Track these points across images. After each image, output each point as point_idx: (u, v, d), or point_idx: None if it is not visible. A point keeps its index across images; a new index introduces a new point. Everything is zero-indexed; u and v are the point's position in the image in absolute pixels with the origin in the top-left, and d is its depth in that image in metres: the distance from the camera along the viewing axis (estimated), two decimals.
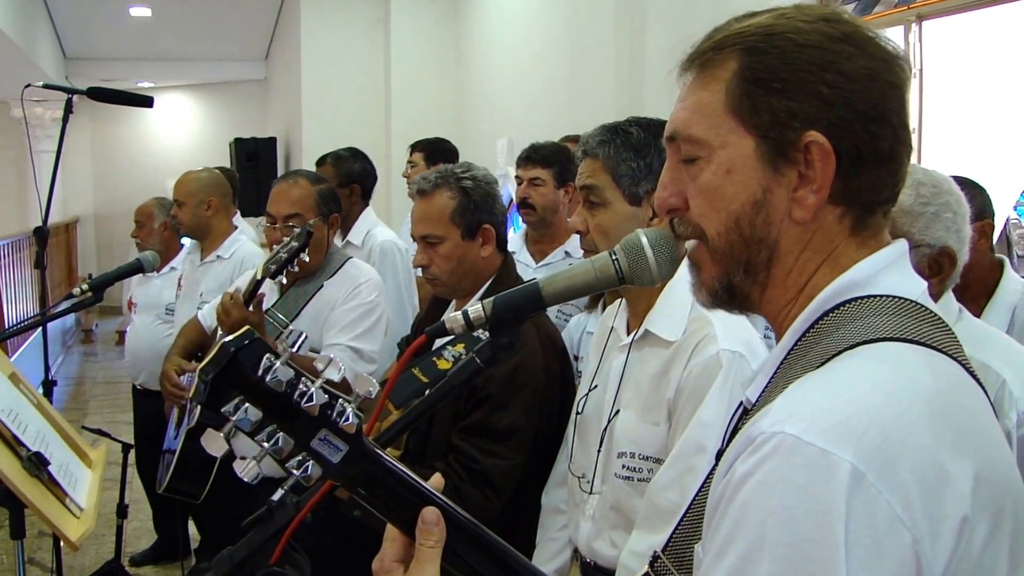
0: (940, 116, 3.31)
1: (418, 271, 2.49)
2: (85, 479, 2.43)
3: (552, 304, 1.14)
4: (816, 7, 0.94)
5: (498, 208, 2.35)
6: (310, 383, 0.86)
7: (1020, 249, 3.52)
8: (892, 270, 0.92)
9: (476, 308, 1.10)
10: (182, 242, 4.44)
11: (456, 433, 2.12)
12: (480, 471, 2.07)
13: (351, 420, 0.87)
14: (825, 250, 0.92)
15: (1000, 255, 2.40)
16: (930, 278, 1.64)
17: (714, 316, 1.69)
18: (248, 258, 3.77)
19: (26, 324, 3.52)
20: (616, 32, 4.67)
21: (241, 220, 4.31)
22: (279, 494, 0.98)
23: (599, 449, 1.82)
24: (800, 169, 0.90)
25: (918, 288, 0.92)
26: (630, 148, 1.78)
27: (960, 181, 1.78)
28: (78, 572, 4.20)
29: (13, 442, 2.13)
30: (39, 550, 4.35)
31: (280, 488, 0.96)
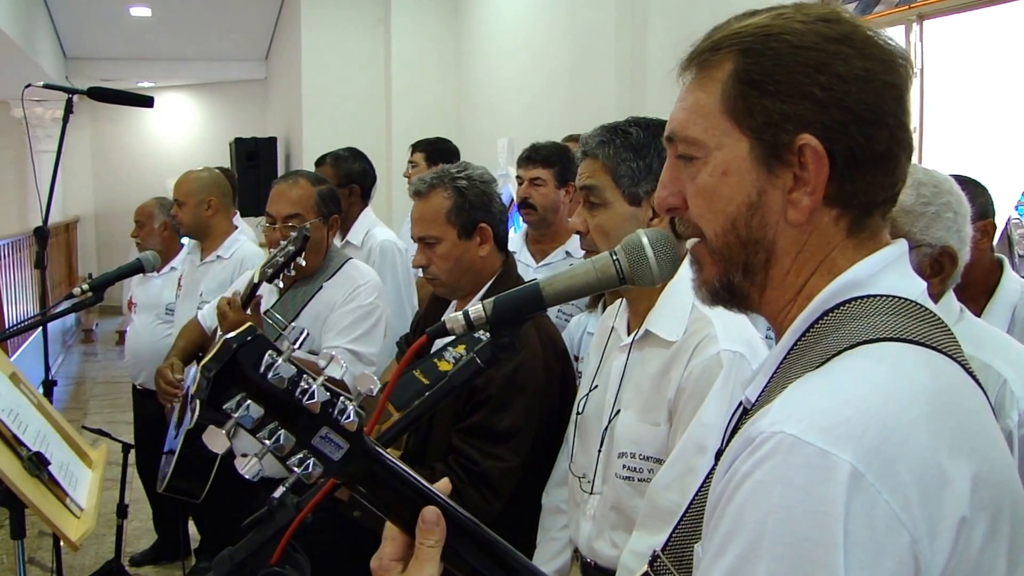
0: (941, 116, 3.31)
1: (419, 271, 2.50)
2: (85, 479, 2.43)
3: (553, 304, 1.14)
4: (816, 7, 0.94)
5: (495, 207, 2.34)
6: (312, 380, 0.86)
7: (1021, 249, 3.51)
8: (892, 270, 0.92)
9: (477, 308, 1.10)
10: (182, 242, 4.45)
11: (456, 434, 2.12)
12: (480, 473, 2.07)
13: (352, 418, 0.87)
14: (822, 252, 0.92)
15: (999, 255, 2.40)
16: (931, 278, 1.64)
17: (715, 316, 1.69)
18: (248, 258, 3.77)
19: (26, 324, 3.51)
20: (617, 31, 4.67)
21: (241, 220, 4.31)
22: (280, 492, 0.98)
23: (600, 449, 1.82)
24: (795, 171, 0.90)
25: (918, 288, 0.91)
26: (630, 148, 1.78)
27: (962, 180, 1.78)
28: (78, 572, 4.20)
29: (13, 442, 2.13)
30: (39, 550, 4.35)
31: (281, 486, 0.96)
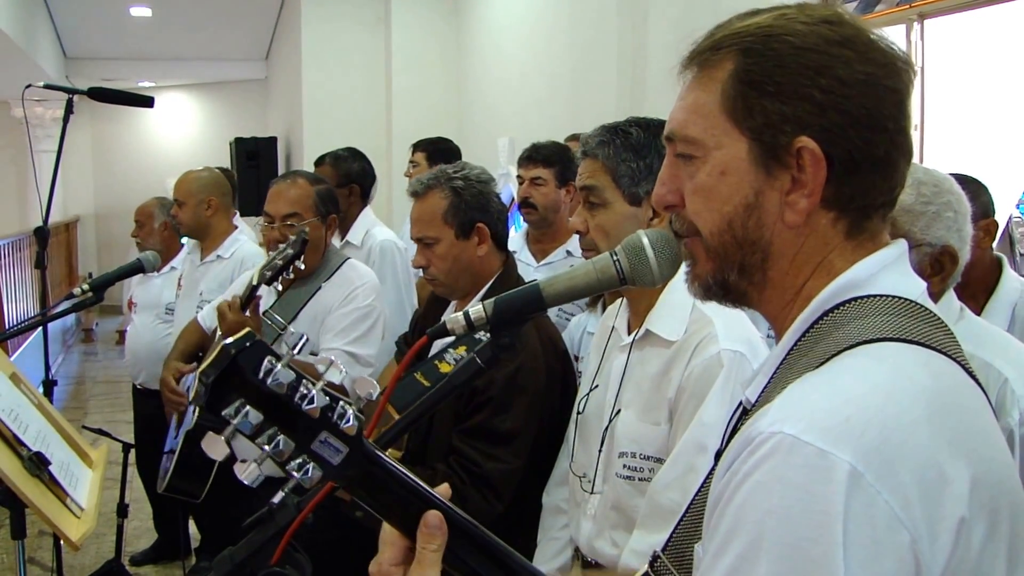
0: (942, 115, 3.31)
1: (419, 271, 2.50)
2: (86, 479, 2.43)
3: (553, 305, 1.14)
4: (819, 8, 0.93)
5: (492, 206, 2.34)
6: (311, 385, 0.85)
7: (1022, 247, 3.51)
8: (892, 270, 0.91)
9: (477, 309, 1.10)
10: (182, 242, 4.45)
11: (457, 435, 2.12)
12: (481, 474, 2.07)
13: (352, 422, 0.86)
14: (820, 254, 0.92)
15: (998, 253, 2.40)
16: (931, 277, 1.64)
17: (715, 316, 1.69)
18: (248, 258, 3.77)
19: (27, 324, 3.50)
20: (618, 31, 4.67)
21: (241, 220, 4.31)
22: (280, 496, 0.98)
23: (600, 449, 1.82)
24: (793, 173, 0.90)
25: (918, 288, 0.91)
26: (630, 148, 1.78)
27: (963, 179, 1.78)
28: (78, 571, 4.20)
29: (14, 442, 2.13)
30: (40, 549, 4.35)
31: (281, 490, 0.96)
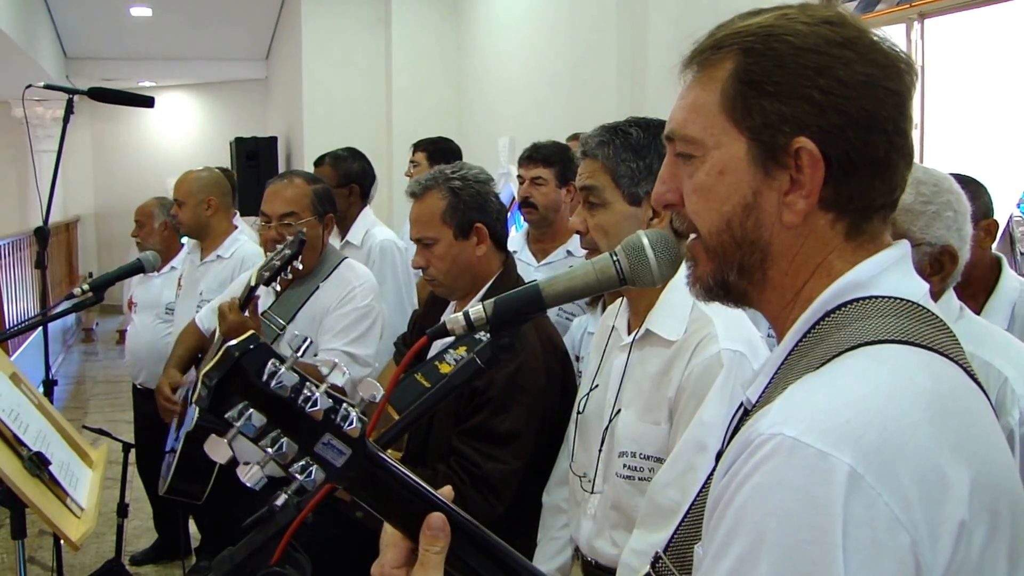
0: (942, 114, 3.31)
1: (419, 272, 2.50)
2: (86, 478, 2.43)
3: (553, 305, 1.14)
4: (822, 9, 0.93)
5: (490, 206, 2.33)
6: (315, 388, 0.85)
7: (1023, 246, 3.51)
8: (894, 271, 0.91)
9: (477, 309, 1.10)
10: (182, 242, 4.45)
11: (457, 436, 2.12)
12: (481, 475, 2.06)
13: (355, 424, 0.86)
14: (819, 255, 0.92)
15: (997, 253, 2.40)
16: (931, 277, 1.64)
17: (715, 315, 1.69)
18: (248, 258, 3.76)
19: (27, 324, 3.51)
20: (618, 30, 4.67)
21: (240, 220, 4.31)
22: (282, 497, 0.98)
23: (600, 448, 1.82)
24: (791, 174, 0.90)
25: (920, 290, 0.91)
26: (629, 149, 1.78)
27: (962, 180, 1.78)
28: (79, 571, 4.20)
29: (14, 442, 2.13)
30: (40, 549, 4.36)
31: (283, 492, 0.96)
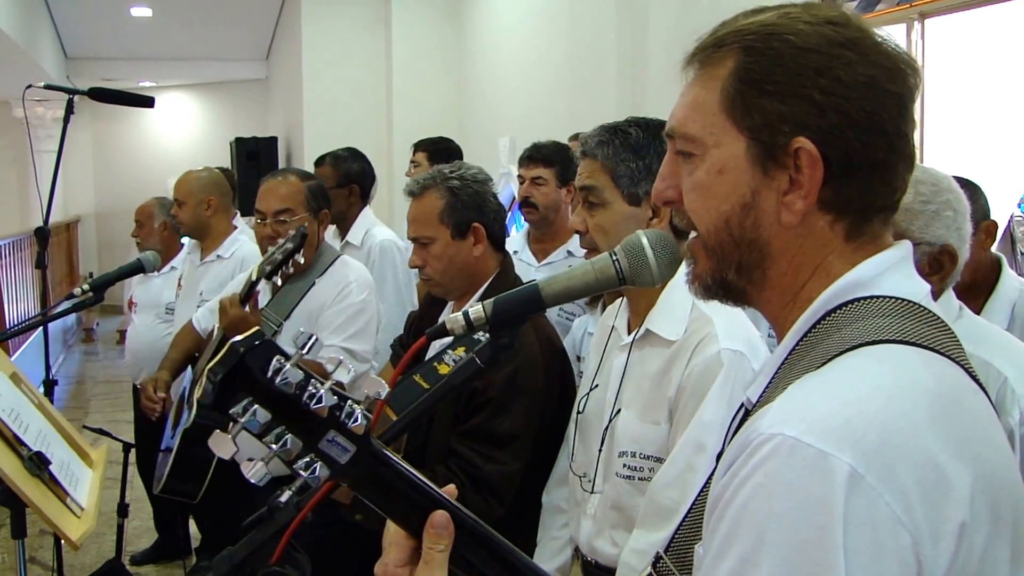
0: (942, 114, 3.31)
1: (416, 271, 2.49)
2: (86, 478, 2.43)
3: (552, 305, 1.14)
4: (825, 8, 0.93)
5: (488, 207, 2.32)
6: (319, 385, 0.85)
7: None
8: (895, 271, 0.91)
9: (476, 309, 1.09)
10: (182, 242, 4.45)
11: (456, 437, 2.10)
12: (480, 477, 2.05)
13: (360, 421, 0.86)
14: (818, 255, 0.91)
15: (997, 253, 2.40)
16: (930, 276, 1.64)
17: (715, 315, 1.69)
18: (248, 258, 3.76)
19: (27, 324, 3.51)
20: (618, 31, 4.67)
21: (241, 220, 4.31)
22: (286, 495, 0.98)
23: (600, 448, 1.82)
24: (790, 174, 0.89)
25: (922, 290, 0.91)
26: (629, 149, 1.78)
27: (959, 182, 1.77)
28: (79, 571, 4.20)
29: (14, 442, 2.13)
30: (40, 549, 4.36)
31: (287, 489, 0.96)
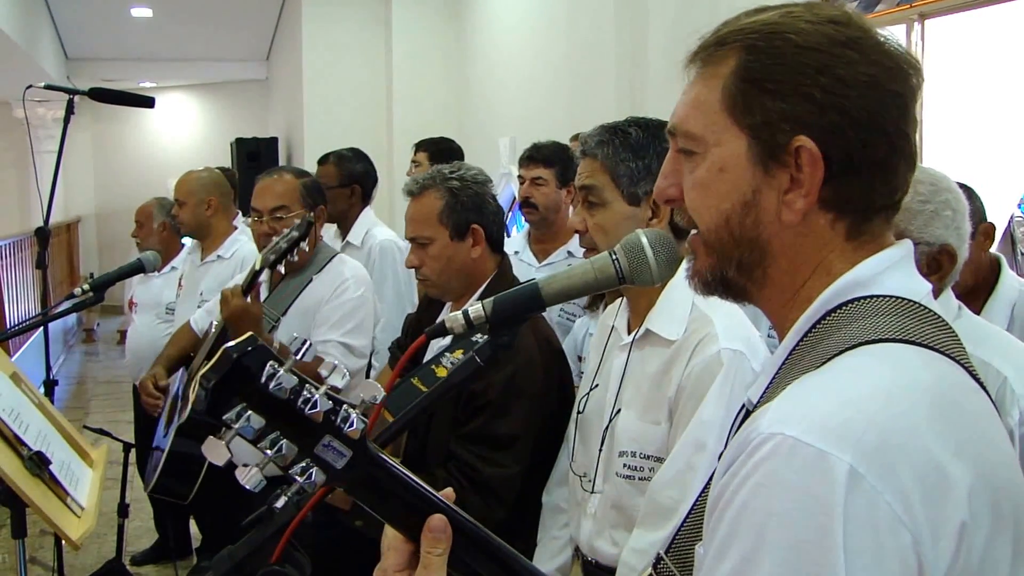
0: (942, 114, 3.30)
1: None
2: (86, 478, 2.43)
3: (552, 304, 1.14)
4: (828, 7, 0.93)
5: (488, 208, 2.30)
6: (314, 390, 0.84)
7: None
8: (896, 270, 0.91)
9: (476, 308, 1.09)
10: (183, 242, 4.45)
11: (455, 440, 2.09)
12: (481, 480, 2.04)
13: (355, 425, 0.86)
14: (819, 254, 0.91)
15: (996, 253, 2.39)
16: (929, 276, 1.64)
17: (715, 315, 1.69)
18: (248, 258, 3.76)
19: (28, 324, 3.51)
20: (617, 31, 4.67)
21: (241, 220, 4.31)
22: (282, 501, 0.97)
23: (600, 448, 1.82)
24: (791, 172, 0.89)
25: (922, 289, 0.90)
26: (629, 148, 1.78)
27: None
28: (80, 571, 4.19)
29: (15, 441, 2.13)
30: (41, 549, 4.35)
31: (283, 494, 0.96)
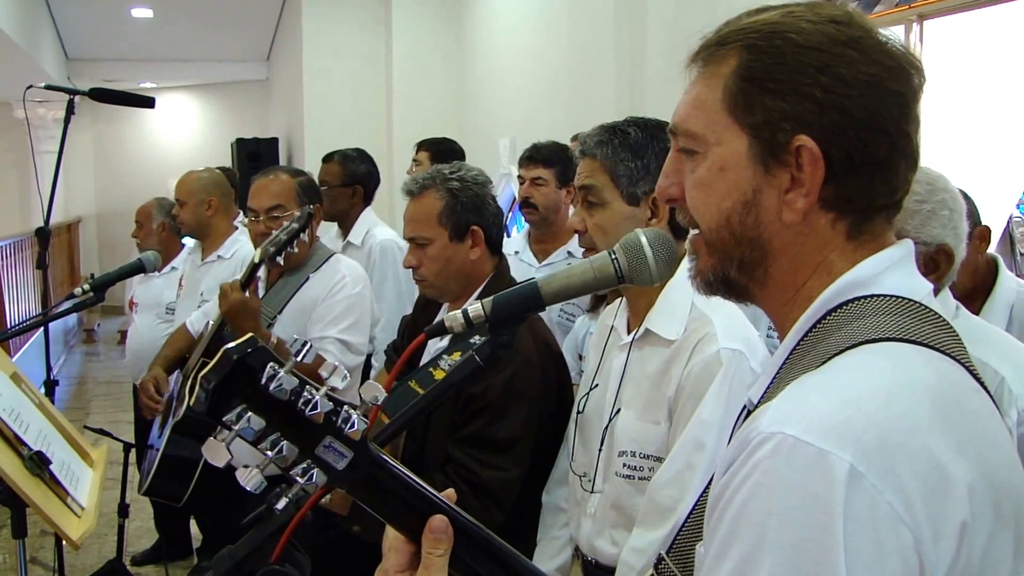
0: (941, 115, 3.30)
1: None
2: (86, 478, 2.43)
3: (552, 303, 1.14)
4: (829, 7, 0.93)
5: (488, 209, 2.29)
6: (314, 391, 0.84)
7: (1023, 247, 3.52)
8: (896, 270, 0.91)
9: (476, 307, 1.09)
10: (183, 242, 4.46)
11: (454, 444, 2.08)
12: (479, 483, 2.03)
13: (356, 427, 0.86)
14: (820, 254, 0.91)
15: (993, 253, 2.40)
16: (926, 276, 1.64)
17: (714, 315, 1.69)
18: (248, 258, 3.76)
19: (28, 324, 3.51)
20: (617, 31, 4.67)
21: (242, 220, 4.31)
22: (283, 501, 0.98)
23: (600, 448, 1.82)
24: (792, 172, 0.89)
25: (923, 289, 0.91)
26: (628, 148, 1.78)
27: None
28: (80, 572, 4.20)
29: (15, 441, 2.13)
30: (41, 549, 4.36)
31: (284, 496, 0.96)
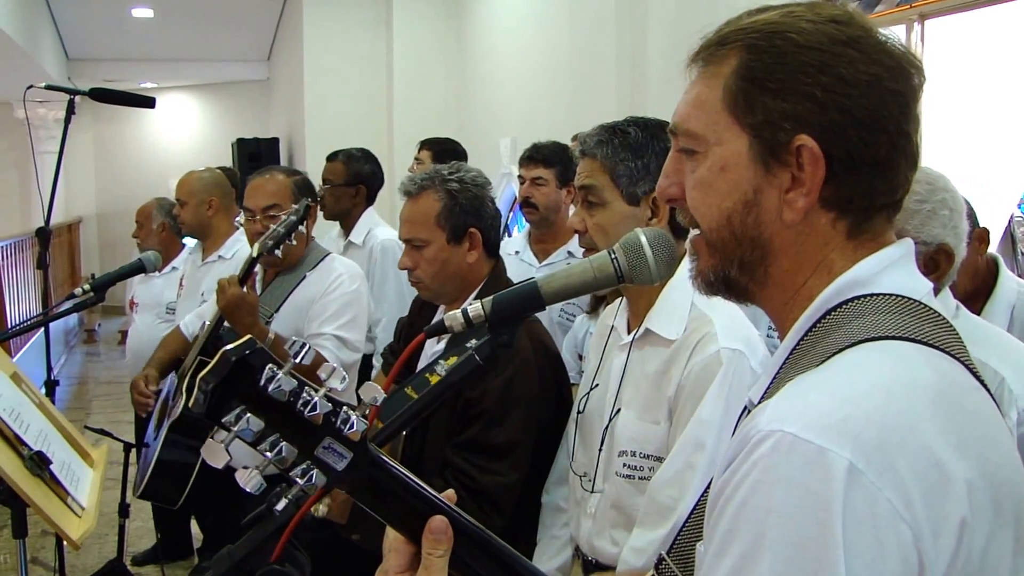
0: (942, 115, 3.30)
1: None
2: (87, 478, 2.44)
3: (551, 303, 1.14)
4: (829, 7, 0.93)
5: (486, 212, 2.26)
6: (313, 392, 0.84)
7: None
8: (896, 268, 0.91)
9: (475, 307, 1.09)
10: (183, 242, 4.46)
11: (452, 449, 2.07)
12: (478, 489, 2.01)
13: (356, 427, 0.86)
14: (820, 253, 0.92)
15: (993, 253, 2.39)
16: (926, 275, 1.64)
17: (714, 314, 1.69)
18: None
19: (28, 324, 3.51)
20: (618, 31, 4.67)
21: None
22: (283, 503, 0.98)
23: (600, 448, 1.82)
24: (792, 171, 0.90)
25: (923, 288, 0.91)
26: (628, 148, 1.78)
27: None
28: (81, 572, 4.20)
29: (15, 441, 2.13)
30: (42, 549, 4.36)
31: (284, 497, 0.96)
